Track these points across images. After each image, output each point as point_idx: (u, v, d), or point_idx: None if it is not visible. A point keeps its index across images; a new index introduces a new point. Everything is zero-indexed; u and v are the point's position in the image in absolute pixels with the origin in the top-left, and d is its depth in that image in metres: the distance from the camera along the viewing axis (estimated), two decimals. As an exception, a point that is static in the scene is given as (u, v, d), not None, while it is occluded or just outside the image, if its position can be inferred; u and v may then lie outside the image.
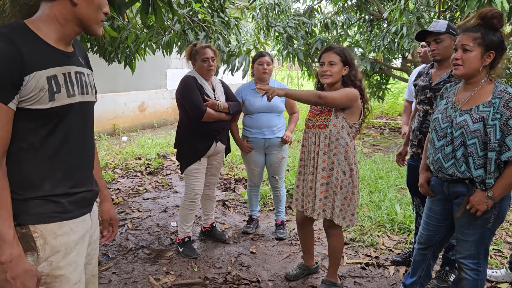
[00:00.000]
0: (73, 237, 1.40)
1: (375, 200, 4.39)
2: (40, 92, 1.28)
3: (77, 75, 1.42)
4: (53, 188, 1.36)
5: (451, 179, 2.16)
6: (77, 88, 1.41)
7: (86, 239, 1.49)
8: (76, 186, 1.44)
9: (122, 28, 3.80)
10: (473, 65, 2.04)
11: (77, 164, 1.45)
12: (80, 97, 1.42)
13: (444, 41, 2.65)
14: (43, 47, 1.32)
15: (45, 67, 1.30)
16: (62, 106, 1.34)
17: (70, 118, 1.39)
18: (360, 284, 2.97)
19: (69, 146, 1.41)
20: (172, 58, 9.78)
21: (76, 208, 1.43)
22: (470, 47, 2.03)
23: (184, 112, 3.23)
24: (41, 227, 1.33)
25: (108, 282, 2.95)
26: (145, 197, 4.79)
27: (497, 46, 2.02)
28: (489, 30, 2.01)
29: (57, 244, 1.35)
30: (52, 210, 1.36)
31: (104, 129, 8.30)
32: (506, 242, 3.59)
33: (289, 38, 7.24)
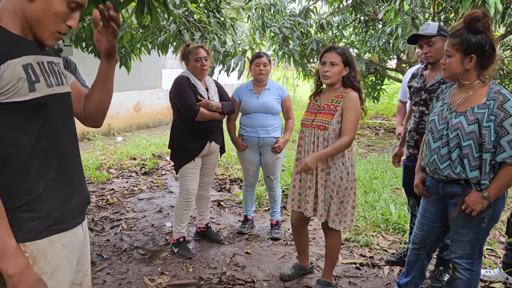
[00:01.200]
0: (63, 253, 1.33)
1: (370, 200, 4.40)
2: (19, 82, 1.17)
3: (49, 65, 1.31)
4: (48, 192, 1.28)
5: (447, 179, 2.18)
6: (53, 78, 1.31)
7: (76, 254, 1.42)
8: (74, 189, 1.37)
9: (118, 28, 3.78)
10: (453, 69, 2.10)
11: (71, 163, 1.38)
12: (58, 88, 1.33)
13: (436, 43, 2.67)
14: (11, 37, 1.21)
15: (18, 55, 1.19)
16: (44, 97, 1.24)
17: (54, 111, 1.30)
18: (355, 284, 2.97)
19: (60, 142, 1.32)
20: (168, 58, 9.75)
21: (71, 217, 1.36)
22: (449, 52, 2.09)
23: (177, 112, 3.23)
24: (32, 245, 1.25)
25: (103, 283, 2.94)
26: (140, 198, 4.78)
27: (478, 49, 2.03)
28: (468, 34, 2.03)
29: (45, 265, 1.28)
30: (44, 224, 1.27)
31: (98, 129, 8.26)
32: (500, 242, 3.61)
33: (285, 38, 7.25)
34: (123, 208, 4.42)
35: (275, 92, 3.57)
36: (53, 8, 1.23)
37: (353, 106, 2.57)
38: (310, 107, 2.76)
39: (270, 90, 3.55)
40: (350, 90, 2.62)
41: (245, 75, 11.14)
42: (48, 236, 1.28)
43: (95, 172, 5.55)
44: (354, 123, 2.57)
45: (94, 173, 5.53)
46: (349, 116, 2.56)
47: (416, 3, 5.85)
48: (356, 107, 2.58)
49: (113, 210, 4.35)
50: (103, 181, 5.34)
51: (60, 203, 1.32)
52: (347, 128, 2.56)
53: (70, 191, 1.37)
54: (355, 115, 2.57)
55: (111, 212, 4.30)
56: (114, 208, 4.42)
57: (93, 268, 3.14)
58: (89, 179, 5.41)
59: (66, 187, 1.35)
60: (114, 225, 3.95)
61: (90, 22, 3.53)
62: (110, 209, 4.39)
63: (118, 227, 3.91)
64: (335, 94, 2.64)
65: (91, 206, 4.42)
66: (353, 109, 2.57)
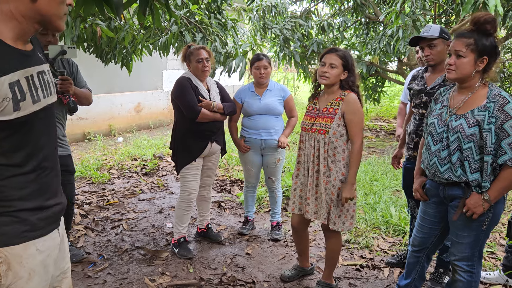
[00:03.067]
0: (39, 258, 1.32)
1: (370, 202, 4.41)
2: (3, 102, 1.15)
3: (39, 76, 1.30)
4: (23, 202, 1.27)
5: (447, 182, 2.18)
6: (41, 91, 1.30)
7: (53, 257, 1.40)
8: (49, 198, 1.36)
9: (119, 28, 3.80)
10: (465, 71, 2.07)
11: (49, 173, 1.36)
12: (44, 101, 1.32)
13: (437, 46, 2.67)
14: (1, 48, 1.18)
15: (5, 72, 1.16)
16: (28, 115, 1.23)
17: (37, 126, 1.29)
18: (355, 285, 2.98)
19: (39, 156, 1.31)
20: (169, 59, 9.77)
21: (45, 225, 1.35)
22: (463, 52, 2.05)
23: (179, 113, 3.24)
24: (7, 250, 1.24)
25: (103, 283, 2.94)
26: (141, 198, 4.79)
27: (490, 51, 2.03)
28: (482, 35, 2.03)
29: (21, 270, 1.26)
30: (20, 230, 1.26)
31: (99, 130, 8.28)
32: (500, 244, 3.61)
33: (286, 40, 7.26)
34: (124, 209, 4.43)
35: (277, 93, 3.57)
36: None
37: (355, 108, 2.58)
38: (309, 111, 2.76)
39: (272, 91, 3.56)
40: (348, 92, 2.62)
41: (246, 77, 11.15)
42: (23, 242, 1.27)
43: (96, 173, 5.56)
44: (360, 125, 2.58)
45: (95, 173, 5.54)
46: (354, 120, 2.57)
47: (417, 5, 5.86)
48: (358, 109, 2.58)
49: (114, 211, 4.35)
50: (104, 181, 5.35)
51: (37, 211, 1.32)
52: (355, 133, 2.57)
53: (47, 199, 1.36)
54: (359, 117, 2.58)
55: (112, 212, 4.31)
56: (115, 208, 4.43)
57: (94, 268, 3.15)
58: (90, 179, 5.42)
59: (44, 196, 1.35)
60: (115, 226, 3.96)
61: (92, 23, 3.54)
62: (111, 209, 4.40)
63: (119, 228, 3.91)
64: (333, 97, 2.64)
65: (92, 206, 4.43)
66: (356, 111, 2.57)
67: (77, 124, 7.92)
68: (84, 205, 4.46)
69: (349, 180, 2.56)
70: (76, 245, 3.50)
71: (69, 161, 3.02)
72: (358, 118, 2.57)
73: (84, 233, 3.75)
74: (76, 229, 3.82)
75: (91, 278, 3.00)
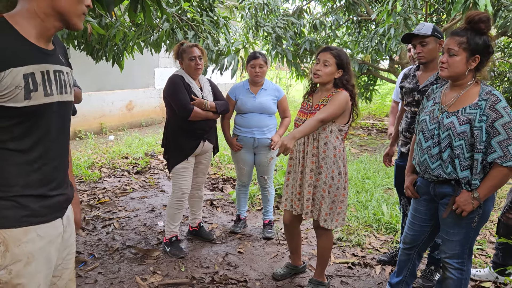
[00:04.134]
0: (39, 244, 1.35)
1: (362, 200, 4.42)
2: (16, 90, 1.24)
3: (56, 74, 1.37)
4: (25, 189, 1.32)
5: (437, 180, 2.19)
6: (56, 88, 1.36)
7: (55, 245, 1.43)
8: (53, 188, 1.40)
9: (110, 26, 3.77)
10: (458, 69, 2.08)
11: (55, 165, 1.41)
12: (59, 97, 1.38)
13: (429, 44, 2.69)
14: (22, 43, 1.27)
15: (22, 64, 1.25)
16: (39, 105, 1.30)
17: (48, 118, 1.36)
18: (347, 283, 2.99)
19: (47, 147, 1.37)
20: (161, 57, 9.72)
21: (48, 213, 1.39)
22: (455, 51, 2.06)
23: (171, 111, 3.22)
24: (6, 232, 1.28)
25: (94, 282, 2.92)
26: (132, 197, 4.76)
27: (483, 50, 2.04)
28: (475, 34, 2.04)
29: (19, 252, 1.30)
30: (20, 214, 1.31)
31: (90, 128, 8.22)
32: (490, 241, 3.64)
33: (278, 38, 7.26)
34: (115, 207, 4.40)
35: (272, 93, 3.56)
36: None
37: (336, 100, 2.55)
38: (303, 107, 2.77)
39: (267, 91, 3.55)
40: (341, 90, 2.63)
41: (238, 75, 11.12)
42: (23, 226, 1.31)
43: (87, 171, 5.52)
44: (330, 109, 2.52)
45: (85, 172, 5.50)
46: (328, 105, 2.55)
47: (408, 4, 5.89)
48: (338, 101, 2.55)
49: (105, 209, 4.32)
50: (95, 180, 5.31)
51: (40, 199, 1.36)
52: (322, 110, 2.54)
53: (51, 189, 1.40)
54: (333, 108, 2.53)
55: (103, 211, 4.28)
56: (106, 207, 4.40)
57: (85, 267, 3.12)
58: (81, 178, 5.38)
59: (48, 186, 1.39)
60: (106, 224, 3.93)
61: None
62: (102, 208, 4.37)
63: (110, 226, 3.89)
64: (326, 94, 2.65)
65: (82, 205, 4.40)
66: (335, 102, 2.54)
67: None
68: (75, 203, 4.42)
69: (293, 133, 2.45)
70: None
71: None
72: (331, 106, 2.53)
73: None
74: (67, 228, 3.78)
75: (82, 277, 2.98)
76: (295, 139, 2.44)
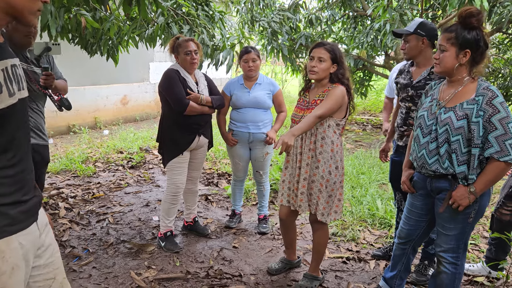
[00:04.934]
0: (21, 252, 1.30)
1: (357, 195, 4.44)
2: None
3: (12, 69, 1.27)
4: (3, 198, 1.24)
5: (434, 175, 2.20)
6: (15, 84, 1.26)
7: (32, 251, 1.37)
8: (27, 193, 1.33)
9: (105, 19, 3.73)
10: (448, 64, 2.10)
11: (24, 168, 1.33)
12: (19, 94, 1.28)
13: (410, 41, 2.74)
14: None
15: None
16: (5, 108, 1.19)
17: (14, 120, 1.26)
18: (341, 278, 3.00)
19: (16, 150, 1.28)
20: (156, 51, 9.67)
21: (25, 218, 1.32)
22: (444, 47, 2.10)
23: (166, 106, 3.21)
24: None
25: (89, 277, 2.91)
26: (127, 191, 4.74)
27: (472, 44, 2.05)
28: (464, 29, 2.05)
29: (3, 265, 1.24)
30: (1, 224, 1.23)
31: (85, 122, 8.17)
32: (483, 236, 3.67)
33: (274, 33, 7.23)
34: (109, 202, 4.38)
35: (266, 87, 3.55)
36: None
37: (333, 95, 2.55)
38: (300, 103, 2.76)
39: (262, 85, 3.54)
40: (337, 84, 2.62)
41: (233, 70, 11.08)
42: (5, 237, 1.25)
43: (81, 166, 5.49)
44: (327, 105, 2.52)
45: (80, 166, 5.47)
46: (325, 101, 2.55)
47: (404, 0, 5.89)
48: (335, 96, 2.55)
49: (99, 204, 4.31)
50: (89, 174, 5.29)
51: (17, 205, 1.29)
52: (320, 106, 2.54)
53: (25, 194, 1.34)
54: (331, 104, 2.53)
55: (97, 205, 4.26)
56: (100, 201, 4.39)
57: (79, 262, 3.11)
58: (75, 172, 5.35)
59: (22, 190, 1.33)
60: (100, 219, 3.92)
61: (76, 14, 3.47)
62: (96, 202, 4.35)
63: (104, 221, 3.87)
64: (322, 90, 2.65)
65: (77, 199, 4.38)
66: (332, 97, 2.55)
67: (62, 116, 7.80)
68: (69, 198, 4.41)
69: (292, 130, 2.46)
70: (61, 238, 3.46)
71: (46, 152, 3.03)
72: (328, 101, 2.53)
73: (69, 227, 3.70)
74: (61, 222, 3.77)
75: (76, 272, 2.97)
76: (294, 136, 2.45)
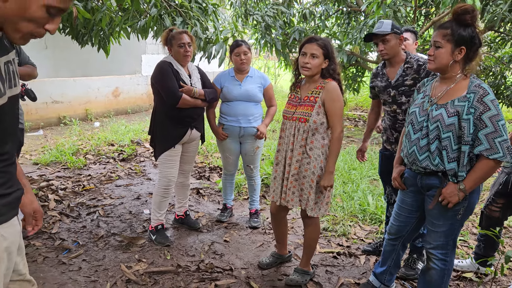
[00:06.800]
0: (4, 244, 1.27)
1: (348, 190, 4.46)
2: None
3: (6, 66, 1.21)
4: None
5: (425, 171, 2.21)
6: (6, 83, 1.22)
7: (16, 244, 1.36)
8: (11, 186, 1.31)
9: (96, 10, 3.68)
10: (443, 60, 2.10)
11: (10, 163, 1.32)
12: (9, 92, 1.23)
13: (390, 40, 2.76)
14: None
15: None
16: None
17: (4, 118, 1.23)
18: (332, 272, 3.01)
19: (4, 148, 1.26)
20: (148, 43, 9.59)
21: (7, 210, 1.29)
22: (440, 43, 2.09)
23: (159, 98, 3.18)
24: None
25: (78, 270, 2.89)
26: (118, 184, 4.71)
27: (468, 41, 2.06)
28: (459, 26, 2.05)
29: None
30: None
31: (75, 114, 8.10)
32: (472, 233, 3.71)
33: (267, 27, 7.20)
34: (100, 195, 4.35)
35: (257, 80, 3.54)
36: (29, 13, 1.09)
37: (334, 96, 2.57)
38: (291, 99, 2.75)
39: (253, 78, 3.53)
40: (329, 80, 2.62)
41: (226, 63, 11.03)
42: None
43: (72, 158, 5.44)
44: (339, 112, 2.58)
45: (70, 158, 5.42)
46: (333, 107, 2.57)
47: (398, -4, 5.88)
48: (338, 96, 2.58)
49: (90, 196, 4.28)
50: (80, 166, 5.25)
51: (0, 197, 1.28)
52: (335, 121, 2.57)
53: (9, 186, 1.32)
54: (339, 105, 2.58)
55: (87, 198, 4.23)
56: (90, 194, 4.35)
57: (69, 254, 3.09)
58: (65, 164, 5.30)
59: (7, 184, 1.31)
60: (90, 212, 3.89)
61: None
62: (86, 195, 4.32)
63: (94, 214, 3.85)
64: (314, 86, 2.64)
65: (67, 191, 4.34)
66: (336, 99, 2.57)
67: (52, 108, 7.72)
68: (59, 190, 4.37)
69: (328, 169, 2.57)
70: (51, 231, 3.43)
71: (22, 136, 3.07)
72: (337, 106, 2.57)
73: (58, 219, 3.67)
74: (51, 215, 3.73)
75: (66, 264, 2.95)
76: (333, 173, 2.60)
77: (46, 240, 3.29)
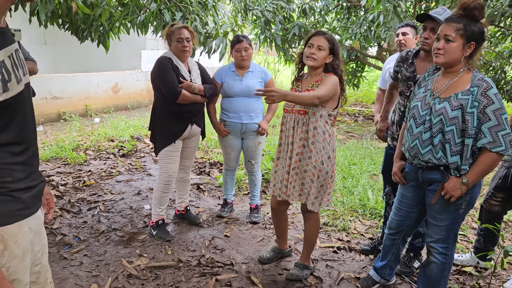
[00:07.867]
0: (30, 236, 1.33)
1: (348, 185, 4.46)
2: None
3: (16, 54, 1.25)
4: (15, 183, 1.25)
5: (426, 166, 2.21)
6: (21, 70, 1.25)
7: (38, 235, 1.41)
8: (35, 178, 1.35)
9: (96, 5, 3.67)
10: (454, 55, 2.07)
11: (34, 152, 1.35)
12: (25, 79, 1.28)
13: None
14: None
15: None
16: (15, 95, 1.20)
17: (23, 106, 1.27)
18: (332, 267, 3.03)
19: (26, 136, 1.30)
20: (148, 39, 9.57)
21: (35, 203, 1.34)
22: (452, 37, 2.05)
23: (159, 94, 3.17)
24: (3, 230, 1.23)
25: (80, 265, 2.90)
26: (118, 180, 4.72)
27: (478, 37, 2.05)
28: (471, 21, 2.04)
29: (16, 249, 1.27)
30: (15, 208, 1.25)
31: (75, 110, 8.09)
32: (472, 227, 3.72)
33: (267, 22, 7.19)
34: (100, 190, 4.36)
35: (258, 75, 3.53)
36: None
37: (327, 81, 2.55)
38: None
39: (254, 73, 3.52)
40: (330, 74, 2.62)
41: (226, 58, 11.01)
42: (18, 221, 1.27)
43: (72, 153, 5.44)
44: (325, 90, 2.51)
45: (70, 154, 5.42)
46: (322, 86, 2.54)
47: (398, -9, 5.87)
48: (331, 83, 2.54)
49: (90, 192, 4.28)
50: (80, 162, 5.25)
51: (27, 190, 1.31)
52: (319, 88, 2.53)
53: (33, 178, 1.35)
54: (328, 89, 2.52)
55: (88, 193, 4.23)
56: (91, 189, 4.36)
57: (70, 249, 3.10)
58: (66, 160, 5.31)
59: (31, 175, 1.34)
60: (91, 207, 3.90)
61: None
62: (87, 190, 4.32)
63: (95, 209, 3.85)
64: (315, 79, 2.64)
65: (67, 187, 4.35)
66: (326, 83, 2.54)
67: (52, 104, 7.71)
68: (60, 186, 4.37)
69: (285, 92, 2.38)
70: (52, 226, 3.44)
71: None
72: (325, 87, 2.52)
73: (59, 215, 3.68)
74: (51, 210, 3.74)
75: (67, 259, 2.96)
76: (285, 97, 2.38)
77: (47, 235, 3.29)
